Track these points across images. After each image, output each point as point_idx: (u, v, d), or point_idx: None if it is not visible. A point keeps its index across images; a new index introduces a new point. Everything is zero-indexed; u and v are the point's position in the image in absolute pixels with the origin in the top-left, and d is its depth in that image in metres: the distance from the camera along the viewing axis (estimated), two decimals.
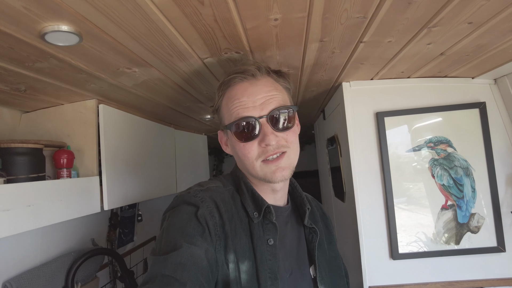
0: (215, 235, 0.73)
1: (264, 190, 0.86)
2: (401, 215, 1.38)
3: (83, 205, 1.15)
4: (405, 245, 1.37)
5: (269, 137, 0.77)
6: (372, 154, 1.42)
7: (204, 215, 0.73)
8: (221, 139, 0.92)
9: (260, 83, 0.82)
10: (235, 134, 0.80)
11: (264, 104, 0.79)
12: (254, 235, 0.78)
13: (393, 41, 0.96)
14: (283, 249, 0.83)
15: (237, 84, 0.82)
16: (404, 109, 1.40)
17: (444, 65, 1.22)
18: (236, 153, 0.85)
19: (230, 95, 0.82)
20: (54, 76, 0.99)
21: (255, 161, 0.80)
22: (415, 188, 1.39)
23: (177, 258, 0.64)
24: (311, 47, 0.96)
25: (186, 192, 0.79)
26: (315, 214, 0.99)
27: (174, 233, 0.70)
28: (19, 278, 1.33)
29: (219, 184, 0.85)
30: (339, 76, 1.33)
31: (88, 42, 0.79)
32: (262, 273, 0.75)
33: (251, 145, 0.79)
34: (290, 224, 0.89)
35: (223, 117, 0.86)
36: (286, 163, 0.80)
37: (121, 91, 1.23)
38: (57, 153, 1.14)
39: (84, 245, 1.76)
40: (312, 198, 1.06)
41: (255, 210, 0.80)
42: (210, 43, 0.87)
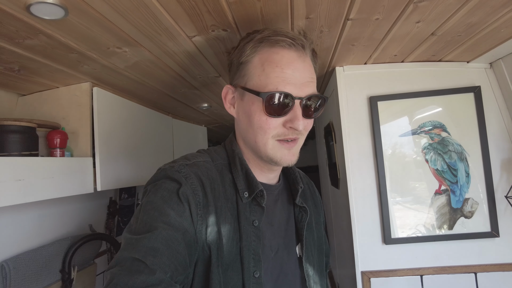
0: (196, 215, 0.69)
1: (260, 168, 0.83)
2: (394, 200, 1.38)
3: (76, 184, 1.16)
4: (398, 230, 1.36)
5: (299, 122, 0.73)
6: (365, 139, 1.41)
7: (186, 193, 0.69)
8: (226, 95, 0.83)
9: (307, 62, 0.77)
10: (265, 105, 0.72)
11: (304, 85, 0.74)
12: (241, 215, 0.76)
13: (380, 19, 0.96)
14: (270, 228, 0.82)
15: (284, 49, 0.74)
16: (398, 93, 1.39)
17: (437, 47, 1.21)
18: (250, 122, 0.77)
19: (272, 58, 0.73)
20: (46, 55, 1.01)
21: (270, 139, 0.75)
22: (409, 173, 1.38)
23: (150, 241, 0.61)
24: (298, 24, 0.96)
25: (170, 166, 0.74)
26: (305, 192, 0.97)
27: (151, 213, 0.66)
28: (16, 259, 1.36)
29: (208, 158, 0.81)
30: (332, 59, 1.33)
31: (75, 16, 0.80)
32: (246, 253, 0.73)
33: (275, 121, 0.74)
34: (280, 202, 0.87)
35: (251, 77, 0.75)
36: (296, 150, 0.79)
37: (114, 74, 1.24)
38: (51, 133, 1.16)
39: (82, 231, 1.79)
40: (304, 175, 1.03)
41: (246, 190, 0.78)
42: (195, 19, 0.88)
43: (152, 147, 1.81)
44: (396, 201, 1.38)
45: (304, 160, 4.90)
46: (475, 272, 1.32)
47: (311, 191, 1.02)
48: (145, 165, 1.70)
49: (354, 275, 1.38)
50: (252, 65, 0.76)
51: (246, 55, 0.77)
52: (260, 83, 0.74)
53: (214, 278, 0.69)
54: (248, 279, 0.72)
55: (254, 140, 0.77)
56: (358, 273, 1.37)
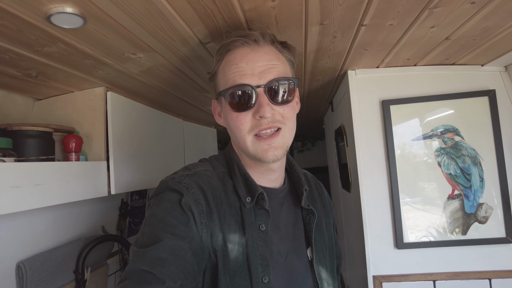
0: (200, 224, 0.70)
1: (259, 171, 0.82)
2: (407, 204, 1.37)
3: (91, 188, 1.18)
4: (410, 235, 1.35)
5: (264, 108, 0.72)
6: (377, 143, 1.41)
7: (189, 203, 0.70)
8: (215, 109, 0.87)
9: (262, 50, 0.76)
10: (229, 103, 0.75)
11: (263, 72, 0.74)
12: (245, 221, 0.75)
13: (394, 24, 0.96)
14: (278, 232, 0.81)
15: (237, 48, 0.77)
16: (411, 97, 1.38)
17: (451, 51, 1.20)
18: (228, 125, 0.80)
19: (228, 60, 0.77)
20: (63, 62, 1.02)
21: (247, 134, 0.75)
22: (421, 177, 1.37)
23: (157, 252, 0.62)
24: (312, 30, 0.97)
25: (171, 178, 0.75)
26: (313, 193, 0.96)
27: (156, 224, 0.67)
28: (32, 259, 1.39)
29: (208, 167, 0.82)
30: (344, 63, 1.33)
31: (92, 24, 0.82)
32: (253, 259, 0.73)
33: (244, 116, 0.75)
34: (286, 206, 0.86)
35: (219, 84, 0.80)
36: (279, 142, 0.76)
37: (128, 78, 1.26)
38: (66, 137, 1.18)
39: (94, 232, 1.82)
40: (311, 176, 1.03)
41: (247, 195, 0.77)
42: (210, 25, 0.88)
43: (164, 150, 1.82)
44: (408, 205, 1.37)
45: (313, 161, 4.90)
46: (489, 278, 1.30)
47: (320, 192, 1.01)
48: (157, 168, 1.72)
49: (366, 279, 1.37)
50: (218, 73, 0.81)
51: (214, 67, 0.83)
52: (224, 85, 0.78)
53: (222, 285, 0.69)
54: (257, 285, 0.71)
55: (237, 141, 0.79)
56: (370, 278, 1.36)
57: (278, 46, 0.80)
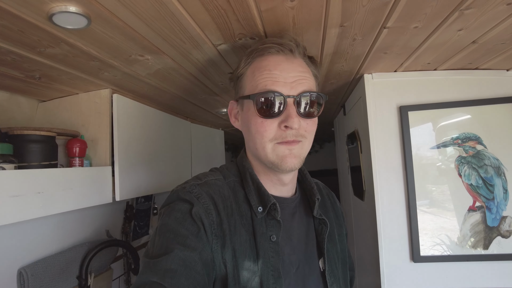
0: (211, 234, 0.69)
1: (271, 180, 0.81)
2: (424, 216, 1.30)
3: (95, 195, 1.14)
4: (428, 248, 1.29)
5: (293, 119, 0.71)
6: (394, 151, 1.34)
7: (199, 213, 0.69)
8: (232, 110, 0.86)
9: (296, 62, 0.77)
10: (257, 107, 0.73)
11: (295, 83, 0.74)
12: (257, 231, 0.74)
13: (420, 27, 0.89)
14: (289, 243, 0.79)
15: (272, 55, 0.76)
16: (430, 103, 1.31)
17: (476, 55, 1.13)
18: (248, 129, 0.78)
19: (260, 65, 0.76)
20: (67, 63, 0.98)
21: (268, 142, 0.74)
22: (440, 188, 1.30)
23: (167, 263, 0.61)
24: (330, 33, 0.91)
25: (181, 187, 0.75)
26: (326, 203, 0.95)
27: (167, 235, 0.66)
28: (34, 265, 1.35)
29: (219, 176, 0.81)
30: (361, 67, 1.26)
31: (98, 25, 0.76)
32: (264, 270, 0.71)
33: (270, 123, 0.73)
34: (298, 215, 0.84)
35: (245, 86, 0.79)
36: (298, 152, 0.76)
37: (135, 81, 1.21)
38: (70, 141, 1.14)
39: (99, 236, 1.77)
40: (323, 185, 1.02)
41: (259, 205, 0.76)
42: (223, 27, 0.83)
43: (171, 153, 1.77)
44: (426, 217, 1.30)
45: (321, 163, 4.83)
46: None
47: (332, 202, 0.99)
48: (163, 172, 1.67)
49: None
50: (246, 76, 0.79)
51: (241, 68, 0.81)
52: (251, 88, 0.76)
53: None
54: None
55: (255, 147, 0.77)
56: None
57: (307, 60, 0.81)
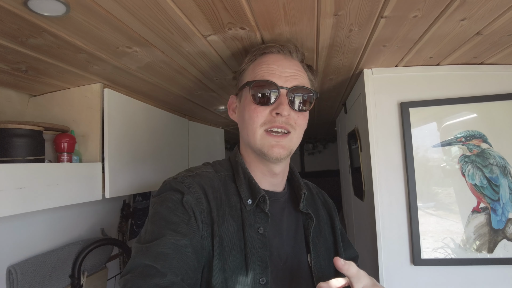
0: (201, 222, 0.72)
1: (262, 171, 0.85)
2: (425, 217, 1.25)
3: (83, 192, 1.10)
4: (429, 250, 1.23)
5: (283, 106, 0.77)
6: (395, 149, 1.29)
7: (190, 202, 0.72)
8: (231, 104, 0.93)
9: (293, 62, 0.85)
10: (252, 94, 0.80)
11: (290, 77, 0.81)
12: (245, 222, 0.77)
13: (419, 16, 0.84)
14: (279, 236, 0.82)
15: (272, 53, 0.85)
16: (432, 99, 1.26)
17: (481, 48, 1.08)
18: (243, 117, 0.84)
19: (261, 61, 0.84)
20: (53, 55, 0.95)
21: (258, 127, 0.79)
22: (442, 188, 1.25)
23: (159, 247, 0.64)
24: (325, 23, 0.86)
25: (173, 178, 0.78)
26: (315, 200, 0.98)
27: (159, 222, 0.69)
28: (24, 263, 1.32)
29: (211, 169, 0.85)
30: (360, 61, 1.21)
31: (78, 13, 0.73)
32: (251, 260, 0.74)
33: (262, 110, 0.79)
34: (287, 211, 0.88)
35: (244, 79, 0.86)
36: (286, 143, 0.80)
37: (126, 75, 1.18)
38: (58, 136, 1.11)
39: (94, 234, 1.75)
40: (313, 185, 1.05)
41: (249, 197, 0.80)
42: (211, 16, 0.79)
43: (167, 151, 1.74)
44: (427, 218, 1.25)
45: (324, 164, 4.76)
46: None
47: (322, 200, 1.02)
48: (158, 170, 1.63)
49: None
50: (247, 71, 0.87)
51: (243, 65, 0.89)
52: (249, 79, 0.83)
53: (215, 282, 0.70)
54: (254, 286, 0.72)
55: (246, 133, 0.82)
56: None
57: (304, 65, 0.89)
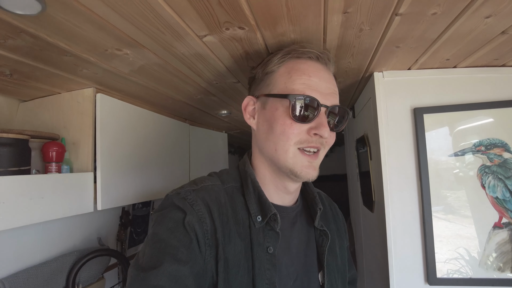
0: (204, 244, 0.67)
1: (277, 188, 0.79)
2: (441, 233, 1.15)
3: (72, 204, 1.03)
4: (446, 269, 1.13)
5: (325, 128, 0.72)
6: (408, 158, 1.19)
7: (193, 223, 0.66)
8: (247, 106, 0.82)
9: (332, 75, 0.79)
10: (292, 109, 0.71)
11: (330, 95, 0.75)
12: (254, 241, 0.71)
13: (439, 13, 0.75)
14: (288, 253, 0.77)
15: (310, 60, 0.77)
16: (449, 105, 1.16)
17: (505, 48, 0.98)
18: (271, 129, 0.75)
19: (298, 67, 0.75)
20: (35, 58, 0.87)
21: (292, 145, 0.73)
22: (460, 201, 1.14)
23: (156, 279, 0.59)
24: (332, 20, 0.77)
25: (176, 193, 0.72)
26: (327, 214, 0.92)
27: (157, 245, 0.64)
28: (14, 277, 1.25)
29: (217, 182, 0.78)
30: (370, 63, 1.12)
31: (56, 11, 0.65)
32: (259, 282, 0.69)
33: (299, 127, 0.72)
34: (299, 225, 0.82)
35: (276, 84, 0.77)
36: (317, 164, 0.76)
37: (119, 79, 1.10)
38: (46, 145, 1.04)
39: (90, 244, 1.67)
40: (326, 196, 1.00)
41: (259, 214, 0.74)
42: (204, 13, 0.71)
43: (167, 157, 1.66)
44: (443, 233, 1.15)
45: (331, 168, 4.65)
46: None
47: (334, 213, 0.97)
48: (158, 177, 1.56)
49: None
50: (278, 74, 0.77)
51: (272, 65, 0.78)
52: (286, 88, 0.74)
53: None
54: None
55: (274, 148, 0.75)
56: None
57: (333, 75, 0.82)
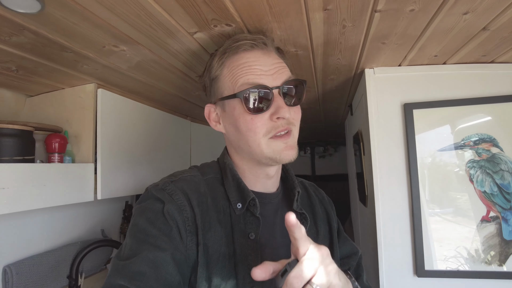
0: (185, 231, 0.68)
1: (257, 176, 0.80)
2: (431, 226, 1.17)
3: (73, 193, 1.09)
4: (434, 262, 1.16)
5: (284, 109, 0.71)
6: (398, 152, 1.22)
7: (172, 211, 0.68)
8: (209, 114, 0.83)
9: (273, 55, 0.77)
10: (245, 104, 0.71)
11: (276, 74, 0.73)
12: (235, 228, 0.72)
13: (416, 10, 0.78)
14: (273, 240, 0.77)
15: (247, 51, 0.75)
16: (438, 100, 1.18)
17: (490, 45, 1.00)
18: (237, 129, 0.75)
19: (238, 63, 0.74)
20: (38, 54, 0.93)
21: (262, 137, 0.72)
22: (449, 194, 1.17)
23: (136, 265, 0.61)
24: (315, 17, 0.81)
25: (155, 185, 0.74)
26: (312, 199, 0.92)
27: (137, 235, 0.66)
28: (20, 263, 1.32)
29: (196, 173, 0.79)
30: (360, 60, 1.16)
31: (54, 9, 0.71)
32: (241, 268, 0.69)
33: (261, 118, 0.72)
34: (281, 211, 0.81)
35: (223, 87, 0.77)
36: (292, 141, 0.75)
37: (119, 75, 1.16)
38: (49, 137, 1.10)
39: (93, 235, 1.74)
40: (310, 184, 0.99)
41: (239, 201, 0.75)
42: (191, 11, 0.75)
43: (167, 152, 1.72)
44: (432, 227, 1.17)
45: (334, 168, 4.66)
46: None
47: (320, 198, 0.96)
48: (158, 171, 1.61)
49: None
50: (223, 76, 0.77)
51: (215, 70, 0.78)
52: (232, 87, 0.74)
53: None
54: None
55: (247, 145, 0.74)
56: None
57: (276, 51, 0.80)
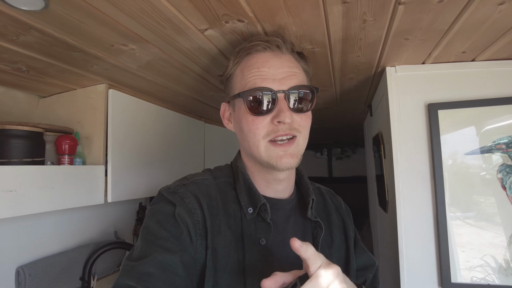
0: (195, 234, 0.68)
1: (266, 179, 0.79)
2: (457, 236, 1.09)
3: (83, 195, 1.07)
4: (461, 273, 1.07)
5: (285, 113, 0.70)
6: (421, 156, 1.14)
7: (183, 214, 0.68)
8: (224, 112, 0.85)
9: (284, 57, 0.76)
10: (247, 105, 0.72)
11: (285, 79, 0.73)
12: (245, 233, 0.72)
13: (446, 1, 0.72)
14: (283, 248, 0.75)
15: (259, 52, 0.76)
16: (465, 100, 1.10)
17: None
18: (241, 129, 0.77)
19: (248, 64, 0.76)
20: (47, 54, 0.92)
21: (261, 139, 0.73)
22: (477, 202, 1.08)
23: (145, 267, 0.61)
24: (333, 11, 0.76)
25: (167, 188, 0.74)
26: (328, 206, 0.90)
27: (148, 238, 0.66)
28: (33, 264, 1.32)
29: (209, 176, 0.79)
30: (381, 57, 1.09)
31: (58, 6, 0.68)
32: (249, 274, 0.68)
33: (261, 120, 0.72)
34: (294, 218, 0.81)
35: (235, 86, 0.79)
36: (294, 150, 0.74)
37: (129, 75, 1.13)
38: (59, 138, 1.08)
39: (106, 237, 1.73)
40: (327, 190, 0.97)
41: (249, 206, 0.74)
42: (201, 7, 0.71)
43: (180, 153, 1.69)
44: (458, 236, 1.09)
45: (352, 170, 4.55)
46: None
47: (336, 205, 0.94)
48: (171, 173, 1.59)
49: None
50: (235, 76, 0.79)
51: (230, 69, 0.80)
52: (241, 87, 0.75)
53: None
54: None
55: (248, 146, 0.75)
56: None
57: (295, 55, 0.80)
